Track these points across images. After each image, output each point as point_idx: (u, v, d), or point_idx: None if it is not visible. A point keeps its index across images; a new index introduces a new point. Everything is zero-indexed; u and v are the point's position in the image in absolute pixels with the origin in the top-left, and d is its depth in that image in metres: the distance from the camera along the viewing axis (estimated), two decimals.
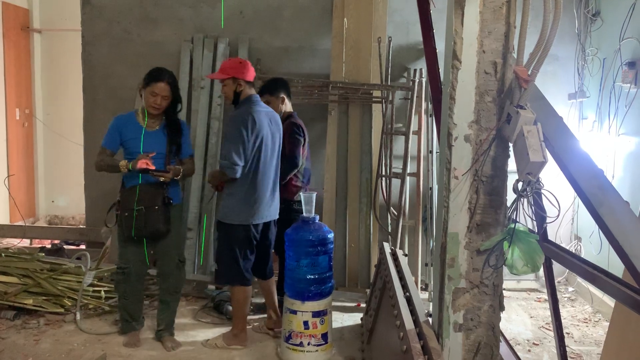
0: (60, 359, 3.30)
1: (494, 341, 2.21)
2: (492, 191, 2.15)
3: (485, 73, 2.14)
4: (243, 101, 3.48)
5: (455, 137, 2.12)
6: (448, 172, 2.15)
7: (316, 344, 3.32)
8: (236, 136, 3.33)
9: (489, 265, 2.15)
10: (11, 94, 6.53)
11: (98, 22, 5.14)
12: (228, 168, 3.33)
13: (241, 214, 3.43)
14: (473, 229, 2.16)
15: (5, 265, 3.96)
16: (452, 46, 2.14)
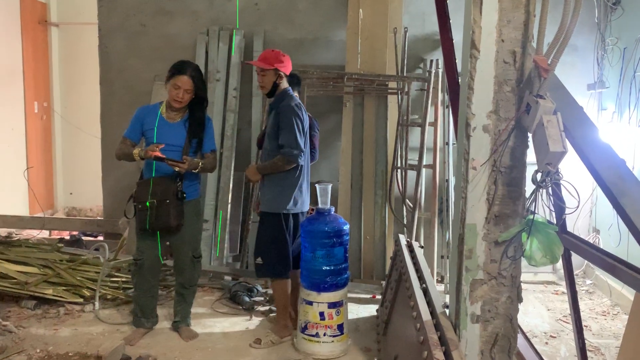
0: (80, 347, 3.35)
1: (512, 333, 2.20)
2: (510, 182, 2.13)
3: (504, 62, 2.11)
4: (283, 94, 3.47)
5: (473, 127, 2.11)
6: (466, 163, 2.13)
7: (332, 335, 3.33)
8: (295, 126, 3.35)
9: (507, 256, 2.14)
10: (30, 88, 6.61)
11: (114, 16, 5.17)
12: (295, 156, 3.34)
13: (294, 202, 3.46)
14: (491, 220, 2.14)
15: (26, 256, 4.02)
16: (470, 35, 2.11)
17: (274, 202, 3.47)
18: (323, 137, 4.86)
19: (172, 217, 3.31)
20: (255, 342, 3.46)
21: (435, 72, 4.60)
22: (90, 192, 6.91)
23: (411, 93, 4.62)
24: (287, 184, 3.46)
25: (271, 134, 3.47)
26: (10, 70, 6.33)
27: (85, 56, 6.85)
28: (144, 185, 3.35)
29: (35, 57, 6.75)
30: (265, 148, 3.55)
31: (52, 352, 3.27)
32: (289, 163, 3.38)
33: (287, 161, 3.37)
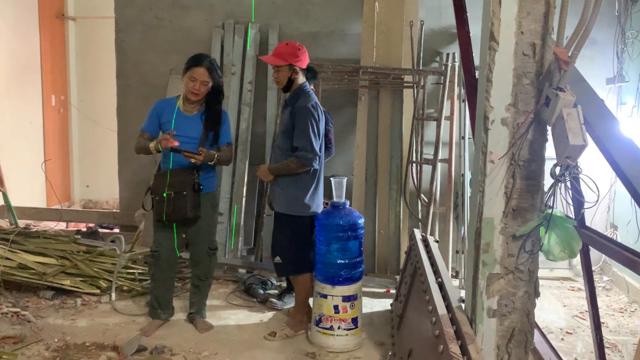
0: (97, 338, 3.39)
1: (529, 327, 2.18)
2: (529, 175, 2.11)
3: (523, 55, 2.09)
4: (299, 91, 3.40)
5: (491, 120, 2.09)
6: (484, 156, 2.11)
7: (346, 328, 3.33)
8: (311, 127, 3.28)
9: (524, 250, 2.12)
10: (47, 81, 6.68)
11: (130, 9, 5.20)
12: (310, 160, 3.29)
13: (309, 205, 3.43)
14: (509, 214, 2.12)
15: (44, 247, 4.07)
16: (489, 27, 2.09)
17: (288, 204, 3.44)
18: (337, 131, 4.85)
19: (189, 208, 3.33)
20: (270, 334, 3.47)
21: (451, 65, 4.56)
22: (106, 185, 6.98)
23: (427, 87, 4.59)
24: (301, 187, 3.42)
25: (285, 132, 3.41)
26: (28, 64, 6.40)
27: (101, 50, 6.90)
28: (161, 177, 3.37)
29: (53, 50, 6.81)
30: (278, 146, 3.50)
31: (70, 342, 3.31)
32: (303, 167, 3.35)
33: (301, 165, 3.33)
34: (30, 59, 6.44)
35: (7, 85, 6.01)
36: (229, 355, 3.23)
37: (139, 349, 3.22)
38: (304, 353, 3.29)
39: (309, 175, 3.41)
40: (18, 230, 4.25)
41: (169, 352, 3.22)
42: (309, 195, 3.43)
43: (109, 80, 5.82)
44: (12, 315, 3.52)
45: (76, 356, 3.12)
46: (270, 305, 3.89)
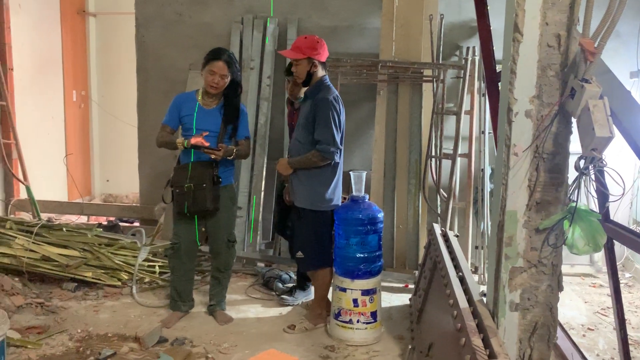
0: (118, 329, 3.43)
1: (552, 322, 2.17)
2: (553, 168, 2.10)
3: (548, 46, 2.07)
4: (319, 84, 3.39)
5: (515, 112, 2.07)
6: (507, 149, 2.10)
7: (365, 322, 3.34)
8: (332, 120, 3.27)
9: (548, 244, 2.10)
10: (68, 77, 6.76)
11: (150, 5, 5.24)
12: (331, 153, 3.29)
13: (330, 200, 3.43)
14: (532, 207, 2.11)
15: (66, 240, 4.13)
16: (513, 18, 2.07)
17: (309, 199, 3.43)
18: (356, 126, 4.85)
19: (208, 200, 3.38)
20: (289, 327, 3.49)
21: (471, 59, 4.52)
22: (126, 180, 7.05)
23: (447, 81, 4.55)
24: (322, 181, 3.41)
25: (305, 125, 3.40)
26: (50, 60, 6.49)
27: (121, 45, 6.98)
28: (181, 170, 3.41)
29: (74, 46, 6.89)
30: (297, 139, 3.48)
31: (93, 333, 3.36)
32: (324, 160, 3.33)
33: (322, 158, 3.32)
34: (52, 54, 6.53)
35: (30, 81, 6.10)
36: (248, 347, 3.25)
37: (160, 340, 3.26)
38: (323, 346, 3.30)
39: (330, 169, 3.41)
40: (41, 223, 4.32)
41: (190, 344, 3.26)
42: (330, 190, 3.43)
43: (128, 75, 5.88)
44: (36, 305, 3.59)
45: (99, 346, 3.17)
46: (282, 302, 3.89)
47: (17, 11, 5.82)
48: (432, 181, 4.58)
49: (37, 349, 3.11)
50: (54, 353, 3.10)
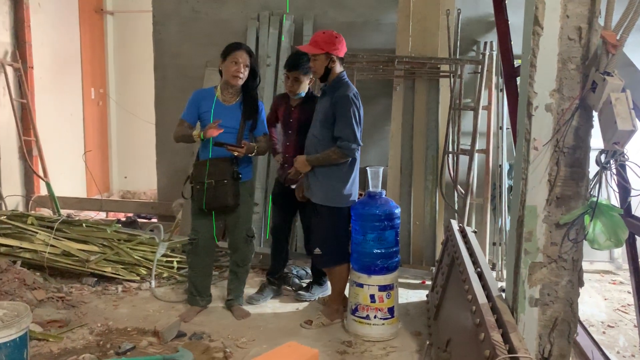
0: (138, 323, 3.47)
1: (572, 317, 2.15)
2: (573, 163, 2.08)
3: (568, 39, 2.05)
4: (338, 80, 3.38)
5: (535, 106, 2.05)
6: (527, 143, 2.08)
7: (382, 318, 3.33)
8: (353, 117, 3.26)
9: (568, 239, 2.09)
10: (87, 74, 6.85)
11: (167, 2, 5.28)
12: (350, 150, 3.28)
13: (348, 196, 3.42)
14: (552, 202, 2.09)
15: (86, 235, 4.19)
16: (533, 11, 2.05)
17: (326, 195, 3.42)
18: (372, 122, 4.84)
19: (229, 196, 3.39)
20: (306, 322, 3.50)
21: (489, 54, 4.48)
22: (144, 176, 7.14)
23: (464, 76, 4.52)
24: (339, 178, 3.40)
25: (323, 121, 3.38)
26: (69, 58, 6.57)
27: (138, 43, 7.04)
28: (201, 166, 3.43)
29: (92, 44, 6.98)
30: (314, 136, 3.46)
31: (112, 327, 3.40)
32: (344, 157, 3.32)
33: (343, 155, 3.30)
34: (71, 53, 6.61)
35: (49, 78, 6.18)
36: (266, 342, 3.26)
37: (179, 334, 3.29)
38: (340, 341, 3.30)
39: (347, 166, 3.40)
40: (61, 218, 4.38)
41: (208, 338, 3.28)
42: (348, 186, 3.42)
43: (146, 73, 5.93)
44: (57, 300, 3.64)
45: (118, 340, 3.21)
46: (299, 298, 3.90)
47: (37, 10, 5.91)
48: (449, 177, 4.56)
49: (59, 342, 3.15)
50: (74, 346, 3.14)
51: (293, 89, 3.72)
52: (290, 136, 3.77)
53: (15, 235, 4.06)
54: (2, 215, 4.34)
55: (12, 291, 3.45)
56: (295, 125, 3.75)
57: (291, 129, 3.77)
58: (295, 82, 3.68)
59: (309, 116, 3.65)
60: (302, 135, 3.67)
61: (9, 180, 5.61)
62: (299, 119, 3.74)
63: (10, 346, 2.53)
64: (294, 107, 3.78)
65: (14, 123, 5.60)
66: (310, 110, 3.66)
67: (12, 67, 5.59)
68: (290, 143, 3.76)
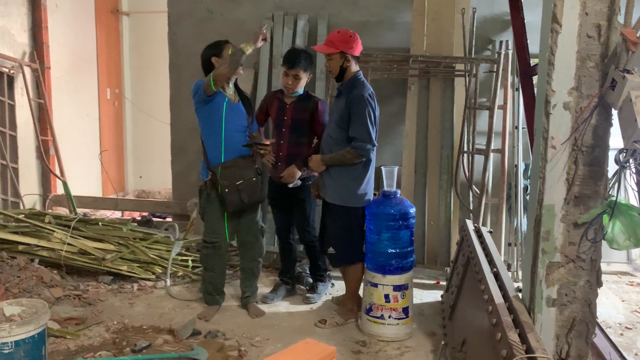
0: (153, 321, 3.50)
1: (590, 318, 2.13)
2: (592, 162, 2.06)
3: (587, 37, 2.03)
4: (353, 79, 3.37)
5: (553, 104, 2.04)
6: (545, 142, 2.06)
7: (397, 317, 3.32)
8: (368, 117, 3.26)
9: (587, 239, 2.06)
10: (103, 75, 6.91)
11: (183, 3, 5.31)
12: (364, 150, 3.27)
13: (362, 196, 3.42)
14: (570, 201, 2.07)
15: (102, 234, 4.22)
16: (551, 9, 2.04)
17: (340, 195, 3.43)
18: (386, 121, 4.82)
19: (259, 192, 3.49)
20: (320, 321, 3.50)
21: (504, 53, 4.44)
22: (158, 176, 7.18)
23: (479, 75, 4.49)
24: (354, 178, 3.39)
25: (339, 121, 3.37)
26: (85, 59, 6.64)
27: (153, 44, 7.08)
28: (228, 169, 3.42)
29: (108, 45, 7.04)
30: (330, 135, 3.45)
31: (128, 325, 3.43)
32: (359, 157, 3.32)
33: (358, 155, 3.30)
34: (88, 53, 6.68)
35: (66, 79, 6.25)
36: (280, 340, 3.27)
37: (194, 332, 3.31)
38: (355, 341, 3.30)
39: (362, 166, 3.39)
40: (78, 217, 4.42)
41: (223, 337, 3.30)
42: (362, 186, 3.41)
43: (161, 73, 5.97)
44: (74, 297, 3.68)
45: (134, 338, 3.23)
46: (308, 302, 3.87)
47: (54, 11, 5.98)
48: (464, 177, 4.53)
49: (76, 339, 3.19)
50: (91, 344, 3.17)
51: (292, 86, 3.66)
52: (282, 135, 3.72)
53: (33, 233, 4.11)
54: (21, 213, 4.40)
55: (30, 288, 3.49)
56: (289, 123, 3.71)
57: (285, 127, 3.72)
58: (295, 79, 3.63)
59: (303, 115, 3.66)
60: (295, 134, 3.68)
61: (26, 180, 5.68)
62: (293, 117, 3.71)
63: (28, 343, 2.56)
64: (289, 105, 3.74)
65: (32, 123, 5.67)
66: (305, 110, 3.67)
67: (30, 67, 5.66)
68: (284, 141, 3.71)
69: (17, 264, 3.67)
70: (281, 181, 3.67)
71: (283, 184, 3.69)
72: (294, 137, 3.70)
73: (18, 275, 3.56)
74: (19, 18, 5.59)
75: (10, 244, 4.00)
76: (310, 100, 3.74)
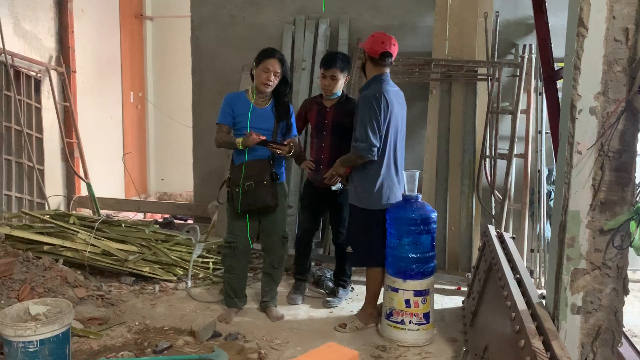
0: (174, 322, 3.53)
1: (616, 326, 2.09)
2: (619, 167, 2.02)
3: (614, 41, 2.00)
4: (370, 81, 3.41)
5: (579, 109, 2.01)
6: (570, 147, 2.04)
7: (418, 323, 3.30)
8: (370, 117, 3.26)
9: (613, 245, 2.03)
10: (126, 78, 7.01)
11: (205, 7, 5.37)
12: (365, 150, 3.28)
13: (378, 198, 3.41)
14: (596, 207, 2.04)
15: (125, 235, 4.28)
16: (577, 13, 2.01)
17: (357, 196, 3.45)
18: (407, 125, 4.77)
19: (269, 197, 3.45)
20: (340, 326, 3.49)
21: (528, 57, 4.41)
22: (180, 179, 7.25)
23: (502, 79, 4.46)
24: (369, 180, 3.39)
25: (353, 123, 3.45)
26: (110, 62, 6.75)
27: (176, 48, 7.18)
28: (239, 169, 3.46)
29: (132, 49, 7.14)
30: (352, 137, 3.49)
31: (150, 326, 3.47)
32: (361, 158, 3.33)
33: (359, 155, 3.33)
34: (112, 57, 6.79)
35: (91, 82, 6.36)
36: (300, 344, 3.27)
37: (214, 334, 3.32)
38: (375, 346, 3.29)
39: (374, 167, 3.38)
40: (102, 218, 4.49)
41: (243, 339, 3.31)
42: (377, 189, 3.40)
43: (183, 77, 6.05)
44: (97, 298, 3.72)
45: (155, 339, 3.26)
46: (327, 305, 3.87)
47: (80, 16, 6.09)
48: (486, 182, 4.49)
49: (98, 339, 3.23)
50: (113, 344, 3.21)
51: (330, 87, 3.70)
52: (324, 138, 3.77)
53: (58, 234, 4.18)
54: (46, 214, 4.48)
55: (55, 288, 3.54)
56: (330, 126, 3.75)
57: (325, 130, 3.76)
58: (332, 80, 3.68)
59: (343, 117, 3.68)
60: (336, 136, 3.71)
61: (51, 181, 5.79)
62: (334, 120, 3.75)
63: (53, 341, 2.61)
64: (329, 108, 3.78)
65: (57, 125, 5.77)
66: (344, 112, 3.70)
67: (57, 71, 5.77)
68: (325, 144, 3.76)
69: (42, 264, 3.74)
70: (324, 183, 3.66)
71: (325, 187, 3.67)
72: (335, 139, 3.72)
73: (43, 275, 3.62)
74: (46, 23, 5.71)
75: (36, 244, 4.08)
76: (350, 103, 3.77)
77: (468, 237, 4.52)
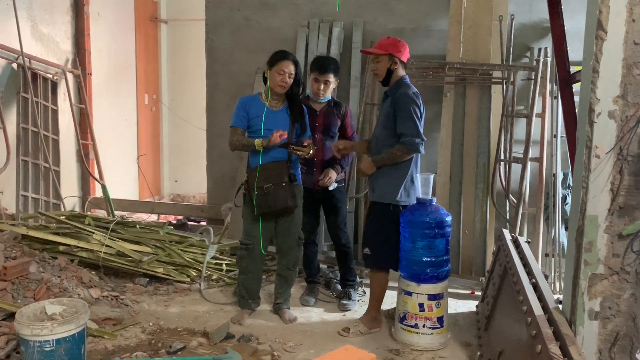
0: (188, 324, 3.54)
1: (635, 332, 2.07)
2: (638, 171, 2.00)
3: (634, 44, 1.98)
4: (399, 82, 3.40)
5: (598, 113, 1.99)
6: (588, 151, 2.02)
7: (431, 327, 3.28)
8: (414, 114, 3.27)
9: (632, 250, 2.01)
10: (141, 81, 7.08)
11: (220, 11, 5.40)
12: (418, 144, 3.27)
13: (403, 194, 3.40)
14: (615, 212, 2.02)
15: (139, 236, 4.31)
16: (596, 15, 2.00)
17: (382, 192, 3.42)
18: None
19: (289, 198, 3.46)
20: (343, 330, 3.48)
21: (543, 60, 4.37)
22: (193, 180, 7.30)
23: (517, 83, 4.43)
24: (397, 174, 3.38)
25: (385, 122, 3.39)
26: (125, 65, 6.81)
27: (190, 51, 7.24)
28: (257, 172, 3.47)
29: (147, 52, 7.21)
30: (377, 137, 3.47)
31: (163, 326, 3.48)
32: (409, 152, 3.30)
33: (408, 150, 3.28)
34: (127, 60, 6.85)
35: (106, 85, 6.42)
36: (313, 347, 3.27)
37: (228, 336, 3.34)
38: (388, 349, 3.27)
39: (405, 163, 3.36)
40: (116, 220, 4.52)
41: (256, 341, 3.31)
42: (405, 184, 3.38)
43: (197, 79, 6.08)
44: (112, 298, 3.75)
45: (169, 340, 3.28)
46: (343, 308, 3.87)
47: (96, 19, 6.16)
48: (500, 186, 4.46)
49: (113, 339, 3.25)
50: (128, 344, 3.23)
51: (323, 91, 3.77)
52: (315, 141, 3.77)
53: (74, 234, 4.22)
54: (62, 215, 4.52)
55: (70, 288, 3.58)
56: (321, 128, 3.82)
57: (317, 133, 3.81)
58: (325, 85, 3.74)
59: (334, 121, 3.83)
60: (326, 139, 3.81)
61: (67, 182, 5.85)
62: (325, 123, 3.83)
63: (69, 341, 2.63)
64: (319, 111, 3.84)
65: (73, 127, 5.83)
66: (333, 116, 3.83)
67: (73, 73, 5.83)
68: (317, 147, 3.75)
69: (57, 264, 3.78)
70: (319, 185, 3.77)
71: (318, 188, 3.79)
72: (325, 142, 3.81)
73: (59, 275, 3.65)
74: (63, 26, 5.78)
75: (52, 244, 4.12)
76: (339, 106, 3.89)
77: (482, 241, 4.49)
